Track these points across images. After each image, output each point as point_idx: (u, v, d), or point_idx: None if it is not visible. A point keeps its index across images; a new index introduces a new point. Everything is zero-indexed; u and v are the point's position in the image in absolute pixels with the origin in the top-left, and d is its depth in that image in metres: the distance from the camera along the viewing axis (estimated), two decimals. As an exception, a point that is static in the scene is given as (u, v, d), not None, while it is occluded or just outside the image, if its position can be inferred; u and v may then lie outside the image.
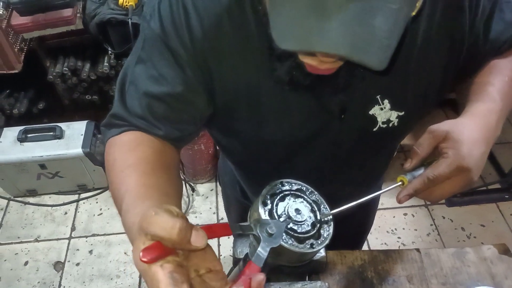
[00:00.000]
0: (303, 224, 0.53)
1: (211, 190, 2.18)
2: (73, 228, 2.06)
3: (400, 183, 0.58)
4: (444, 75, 0.67)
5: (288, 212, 0.53)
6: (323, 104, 0.66)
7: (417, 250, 0.89)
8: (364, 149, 0.75)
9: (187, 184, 2.13)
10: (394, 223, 2.02)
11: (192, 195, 2.15)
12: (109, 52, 1.85)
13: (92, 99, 2.06)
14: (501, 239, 1.93)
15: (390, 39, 0.42)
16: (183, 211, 2.09)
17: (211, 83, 0.63)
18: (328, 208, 0.57)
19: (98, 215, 2.10)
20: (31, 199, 2.16)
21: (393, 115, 0.68)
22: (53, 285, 1.87)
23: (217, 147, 1.85)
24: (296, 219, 0.53)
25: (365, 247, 1.91)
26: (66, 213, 2.12)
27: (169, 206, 0.44)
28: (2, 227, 2.07)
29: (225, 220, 2.04)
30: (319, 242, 0.53)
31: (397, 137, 0.71)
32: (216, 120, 0.70)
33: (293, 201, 0.55)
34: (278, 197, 0.54)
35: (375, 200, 1.17)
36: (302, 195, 0.56)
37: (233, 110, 0.67)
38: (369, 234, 2.02)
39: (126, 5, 1.73)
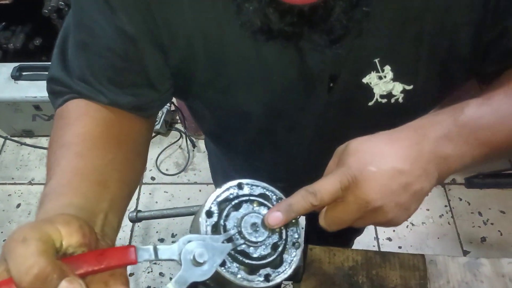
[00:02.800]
0: (260, 245, 0.39)
1: (214, 147, 2.06)
2: (67, 174, 1.99)
3: None
4: (474, 40, 0.48)
5: (241, 227, 0.39)
6: (307, 65, 0.49)
7: (421, 256, 0.75)
8: (357, 128, 0.59)
9: (188, 139, 2.01)
10: (405, 200, 1.88)
11: (193, 150, 2.03)
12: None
13: (91, 39, 1.91)
14: (520, 229, 1.78)
15: None
16: (182, 167, 2.00)
17: (159, 34, 0.47)
18: (297, 221, 0.42)
19: (94, 162, 2.02)
20: (27, 140, 2.08)
21: (397, 88, 0.52)
22: (44, 230, 1.83)
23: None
24: (250, 239, 0.38)
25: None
26: (62, 158, 2.04)
27: (58, 225, 0.31)
28: (-3, 166, 2.02)
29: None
30: (279, 272, 0.39)
31: (402, 118, 0.56)
32: (175, 83, 0.55)
33: (252, 212, 0.40)
34: (231, 205, 0.40)
35: None
36: (266, 202, 0.42)
37: (191, 71, 0.51)
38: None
39: None
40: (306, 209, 0.40)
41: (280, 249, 0.39)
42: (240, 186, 0.41)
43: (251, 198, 0.41)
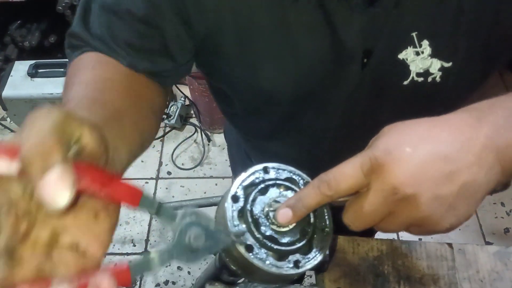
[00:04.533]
0: (289, 231, 0.37)
1: (229, 140, 2.05)
2: (85, 170, 2.00)
3: None
4: None
5: (269, 212, 0.37)
6: (339, 39, 0.46)
7: (449, 245, 0.72)
8: (389, 112, 0.55)
9: (202, 133, 2.00)
10: (425, 192, 1.84)
11: (208, 145, 2.02)
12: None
13: (105, 34, 1.91)
14: (546, 220, 1.73)
15: None
16: (198, 161, 1.99)
17: (184, 5, 0.46)
18: (326, 207, 0.40)
19: (110, 158, 2.02)
20: (45, 137, 2.10)
21: (435, 65, 0.48)
22: (63, 225, 1.85)
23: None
24: (279, 224, 0.37)
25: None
26: (79, 154, 2.05)
27: (83, 121, 0.28)
28: (16, 163, 2.04)
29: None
30: (308, 258, 0.37)
31: (441, 100, 0.51)
32: (199, 57, 0.54)
33: (279, 196, 0.39)
34: (257, 189, 0.38)
35: None
36: (293, 186, 0.40)
37: (218, 45, 0.50)
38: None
39: None
40: (319, 202, 0.35)
41: (309, 235, 0.38)
42: (266, 170, 0.40)
43: (278, 182, 0.39)
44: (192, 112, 2.10)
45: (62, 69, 1.85)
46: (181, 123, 2.06)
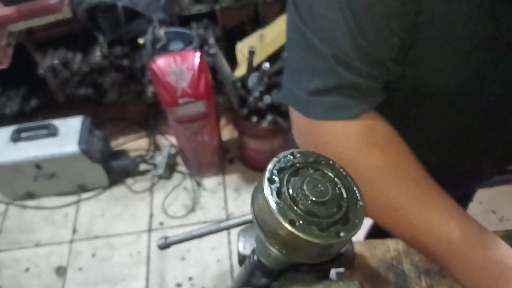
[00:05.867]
0: (326, 204, 0.39)
1: (219, 184, 2.05)
2: (74, 231, 1.94)
3: None
4: None
5: (304, 189, 0.39)
6: (503, 25, 0.45)
7: (461, 235, 0.74)
8: None
9: (192, 179, 2.00)
10: (417, 209, 1.87)
11: (198, 188, 2.02)
12: (101, 40, 1.72)
13: (87, 92, 1.94)
14: (537, 221, 1.77)
15: None
16: (189, 208, 1.98)
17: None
18: (355, 183, 0.42)
19: (100, 216, 1.98)
20: (30, 202, 2.04)
21: None
22: (55, 292, 1.76)
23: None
24: (317, 198, 0.38)
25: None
26: (66, 215, 2.00)
27: None
28: (2, 232, 1.96)
29: (235, 215, 1.91)
30: (348, 228, 0.38)
31: None
32: None
33: (310, 175, 0.41)
34: (290, 171, 0.40)
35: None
36: (321, 168, 0.42)
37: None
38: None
39: (115, -13, 1.59)
40: None
41: (344, 207, 0.39)
42: (293, 155, 0.42)
43: (307, 164, 0.41)
44: (177, 160, 2.11)
45: (45, 131, 1.84)
46: (168, 172, 2.06)
